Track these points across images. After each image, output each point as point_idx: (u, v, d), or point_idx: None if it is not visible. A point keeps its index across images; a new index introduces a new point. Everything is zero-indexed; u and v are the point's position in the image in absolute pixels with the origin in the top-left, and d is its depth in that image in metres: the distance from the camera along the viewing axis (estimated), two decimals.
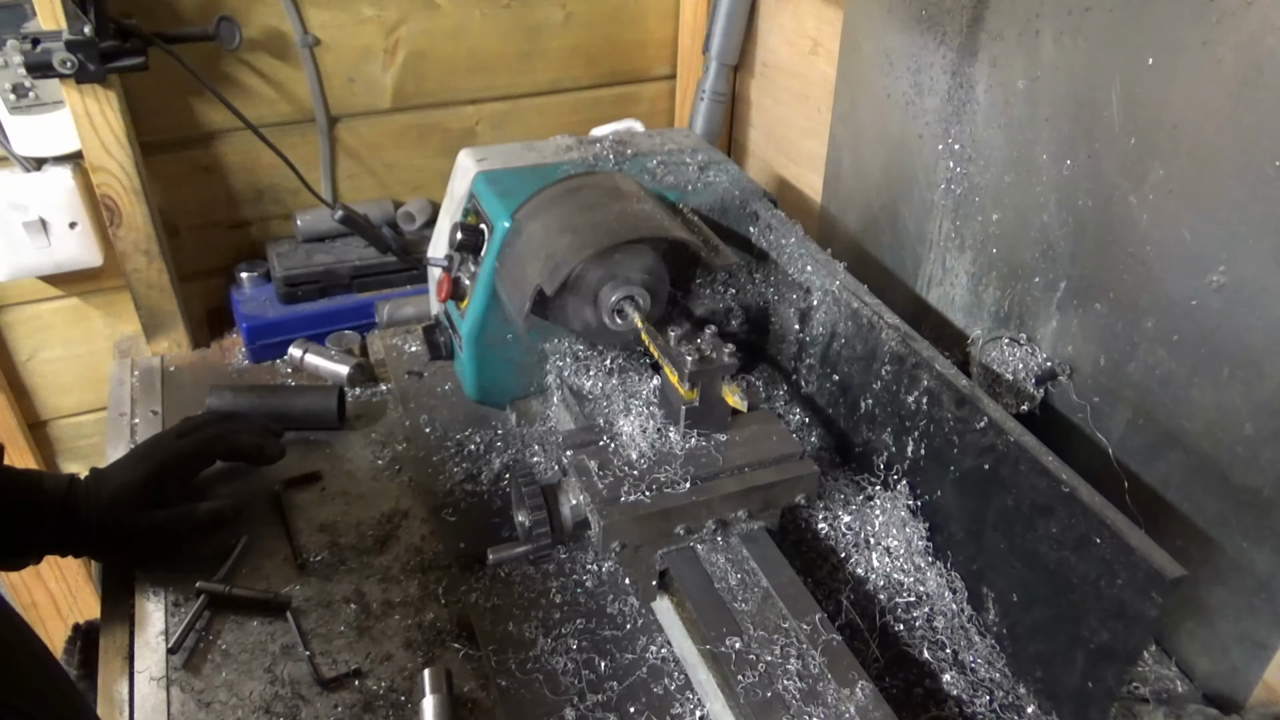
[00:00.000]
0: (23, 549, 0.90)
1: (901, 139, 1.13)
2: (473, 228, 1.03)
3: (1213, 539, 0.82)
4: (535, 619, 0.88)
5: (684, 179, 1.11)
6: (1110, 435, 0.91)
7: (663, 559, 0.84)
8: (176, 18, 1.24)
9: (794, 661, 0.75)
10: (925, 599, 0.88)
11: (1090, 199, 0.88)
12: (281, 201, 1.41)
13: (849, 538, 0.95)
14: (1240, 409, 0.78)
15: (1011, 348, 1.00)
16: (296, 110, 1.36)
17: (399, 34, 1.36)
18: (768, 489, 0.85)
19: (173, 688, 0.83)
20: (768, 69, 1.45)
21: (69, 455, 1.48)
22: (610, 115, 1.55)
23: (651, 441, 0.87)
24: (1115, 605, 0.70)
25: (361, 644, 0.88)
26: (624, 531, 0.80)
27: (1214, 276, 0.77)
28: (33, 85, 1.16)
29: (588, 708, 0.80)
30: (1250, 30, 0.71)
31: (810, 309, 1.05)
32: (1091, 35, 0.85)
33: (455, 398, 1.17)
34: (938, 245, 1.11)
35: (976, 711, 0.80)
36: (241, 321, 1.31)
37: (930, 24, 1.04)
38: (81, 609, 1.54)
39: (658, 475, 0.83)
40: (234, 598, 0.91)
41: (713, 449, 0.86)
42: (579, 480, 0.83)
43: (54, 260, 1.27)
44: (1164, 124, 0.79)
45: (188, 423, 1.02)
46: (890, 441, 0.95)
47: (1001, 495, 0.80)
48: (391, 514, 1.02)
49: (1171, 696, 0.85)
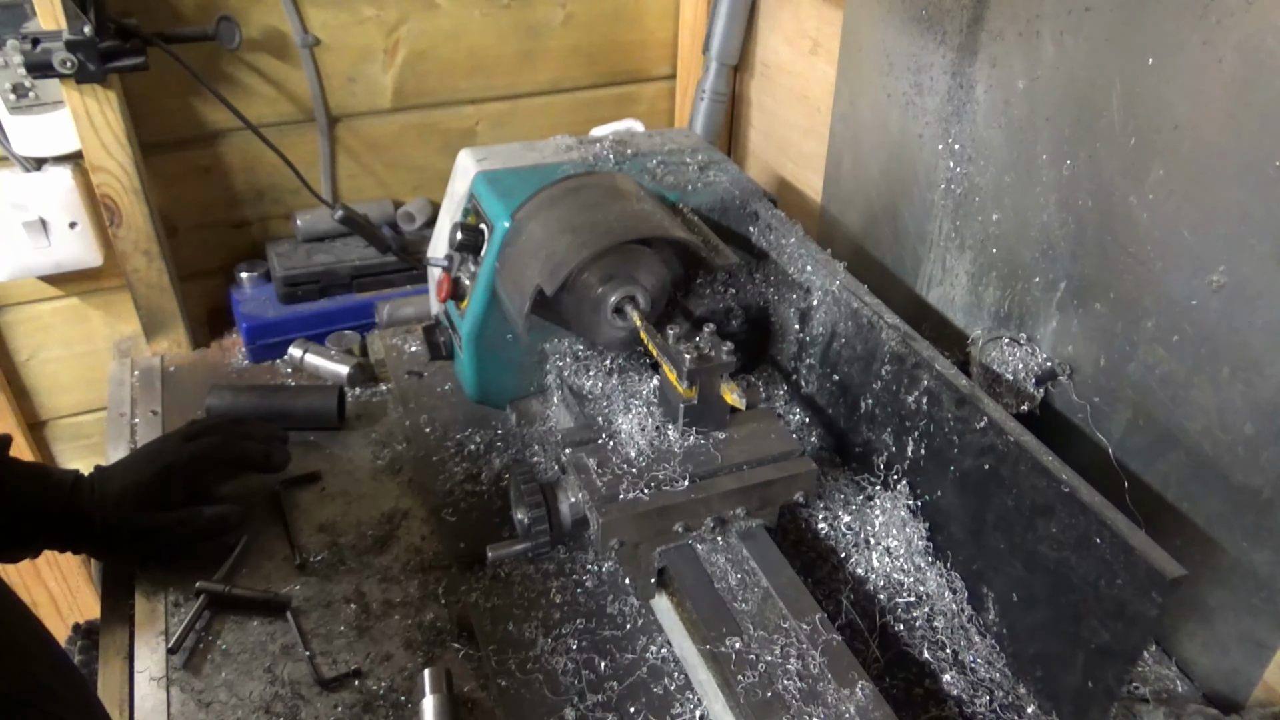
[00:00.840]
0: (23, 542, 0.90)
1: (901, 139, 1.13)
2: (473, 228, 1.03)
3: (1213, 539, 0.82)
4: (535, 619, 0.88)
5: (684, 179, 1.11)
6: (1110, 435, 0.91)
7: (661, 556, 0.84)
8: (176, 18, 1.24)
9: (794, 661, 0.75)
10: (925, 599, 0.88)
11: (1090, 199, 0.88)
12: (281, 201, 1.41)
13: (849, 538, 0.95)
14: (1240, 409, 0.78)
15: (1011, 348, 1.00)
16: (296, 110, 1.36)
17: (399, 34, 1.36)
18: (766, 487, 0.85)
19: (173, 688, 0.83)
20: (768, 69, 1.45)
21: (69, 455, 1.48)
22: (610, 115, 1.55)
23: (650, 439, 0.87)
24: (1115, 605, 0.70)
25: (361, 644, 0.87)
26: (622, 529, 0.81)
27: (1214, 276, 0.77)
28: (33, 85, 1.16)
29: (588, 708, 0.80)
30: (1250, 30, 0.71)
31: (810, 309, 1.05)
32: (1091, 35, 0.85)
33: (455, 398, 1.17)
34: (938, 245, 1.11)
35: (976, 711, 0.80)
36: (241, 321, 1.31)
37: (930, 24, 1.04)
38: (81, 609, 1.54)
39: (656, 473, 0.83)
40: (234, 598, 0.91)
41: (711, 447, 0.86)
42: (578, 478, 0.83)
43: (54, 260, 1.27)
44: (1164, 124, 0.79)
45: (195, 425, 1.02)
46: (890, 441, 0.95)
47: (1001, 495, 0.80)
48: (391, 514, 1.02)
49: (1171, 696, 0.85)
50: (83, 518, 0.89)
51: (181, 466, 0.95)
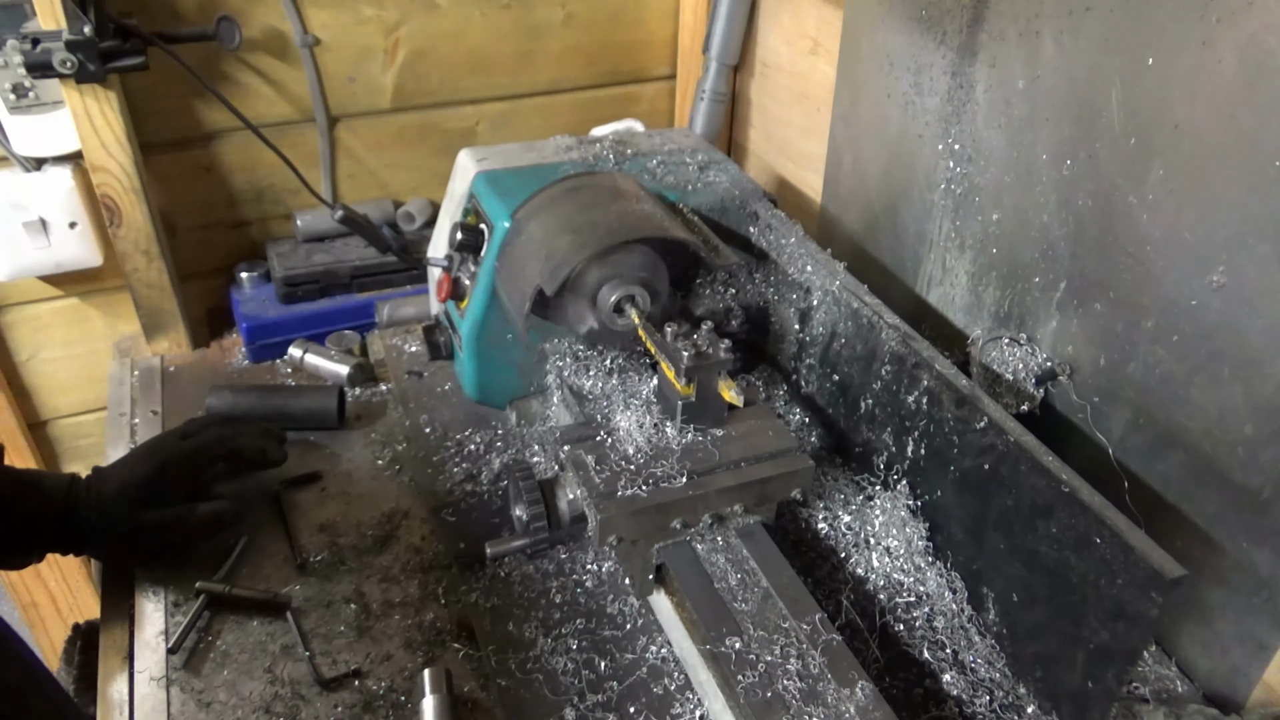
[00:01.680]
0: (24, 548, 0.90)
1: (901, 139, 1.13)
2: (473, 228, 1.03)
3: (1213, 539, 0.82)
4: (535, 619, 0.88)
5: (684, 179, 1.11)
6: (1110, 435, 0.91)
7: (659, 553, 0.85)
8: (176, 18, 1.24)
9: (794, 661, 0.75)
10: (925, 599, 0.88)
11: (1090, 199, 0.88)
12: (281, 201, 1.41)
13: (849, 538, 0.95)
14: (1240, 409, 0.78)
15: (1011, 348, 1.00)
16: (296, 110, 1.36)
17: (399, 34, 1.36)
18: (763, 483, 0.85)
19: (173, 688, 0.83)
20: (768, 69, 1.45)
21: (69, 455, 1.48)
22: (610, 115, 1.55)
23: (648, 436, 0.87)
24: (1115, 605, 0.70)
25: (361, 644, 0.87)
26: (621, 525, 0.81)
27: (1214, 276, 0.77)
28: (33, 85, 1.16)
29: (588, 708, 0.80)
30: (1250, 30, 0.71)
31: (810, 309, 1.05)
32: (1091, 35, 0.85)
33: (455, 398, 1.17)
34: (938, 245, 1.11)
35: (976, 711, 0.80)
36: (241, 321, 1.31)
37: (930, 24, 1.04)
38: (81, 609, 1.54)
39: (654, 470, 0.83)
40: (234, 598, 0.91)
41: (709, 444, 0.86)
42: (576, 475, 0.83)
43: (54, 260, 1.27)
44: (1164, 124, 0.79)
45: (192, 424, 1.02)
46: (890, 441, 0.95)
47: (1001, 495, 0.80)
48: (391, 514, 1.02)
49: (1171, 696, 0.85)
50: (80, 520, 0.89)
51: (177, 463, 0.95)
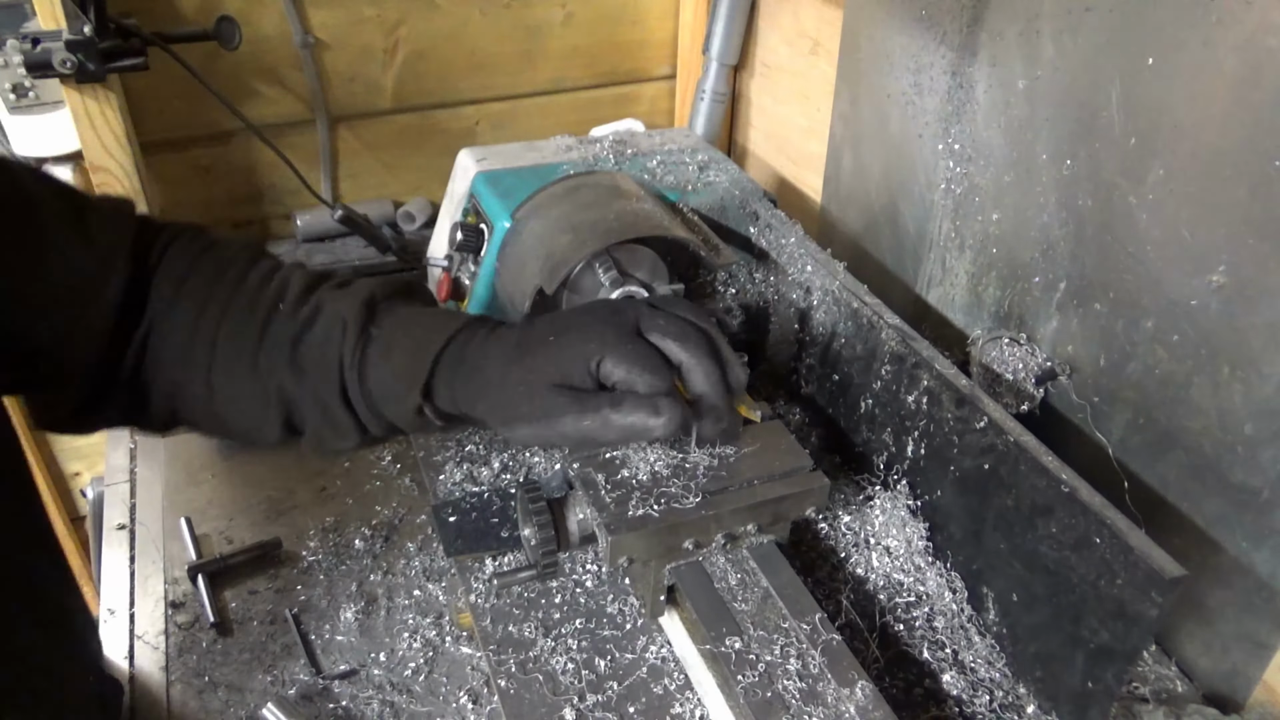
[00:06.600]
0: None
1: (901, 139, 1.13)
2: (473, 228, 1.03)
3: (1213, 539, 0.82)
4: (535, 619, 0.88)
5: (684, 179, 1.11)
6: (1110, 435, 0.91)
7: (671, 574, 0.82)
8: (176, 18, 1.24)
9: (794, 661, 0.75)
10: (925, 599, 0.88)
11: (1090, 199, 0.88)
12: (281, 201, 1.41)
13: (849, 538, 0.95)
14: (1240, 409, 0.78)
15: (1011, 348, 1.00)
16: (296, 110, 1.36)
17: (399, 34, 1.36)
18: (778, 503, 0.82)
19: (173, 686, 0.83)
20: (768, 69, 1.45)
21: (69, 455, 1.49)
22: (610, 115, 1.55)
23: (660, 454, 0.85)
24: (1115, 605, 0.70)
25: (362, 644, 0.88)
26: (632, 546, 0.78)
27: (1214, 276, 0.77)
28: (33, 85, 1.16)
29: (588, 708, 0.80)
30: (1250, 30, 0.71)
31: (810, 309, 1.05)
32: (1091, 35, 0.85)
33: None
34: (938, 245, 1.11)
35: (976, 711, 0.80)
36: None
37: (930, 24, 1.04)
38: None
39: (666, 489, 0.80)
40: (230, 567, 0.92)
41: (722, 462, 0.84)
42: (586, 494, 0.81)
43: None
44: (1164, 124, 0.79)
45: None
46: (890, 441, 0.95)
47: (1001, 495, 0.80)
48: (391, 514, 1.02)
49: (1171, 696, 0.85)
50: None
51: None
